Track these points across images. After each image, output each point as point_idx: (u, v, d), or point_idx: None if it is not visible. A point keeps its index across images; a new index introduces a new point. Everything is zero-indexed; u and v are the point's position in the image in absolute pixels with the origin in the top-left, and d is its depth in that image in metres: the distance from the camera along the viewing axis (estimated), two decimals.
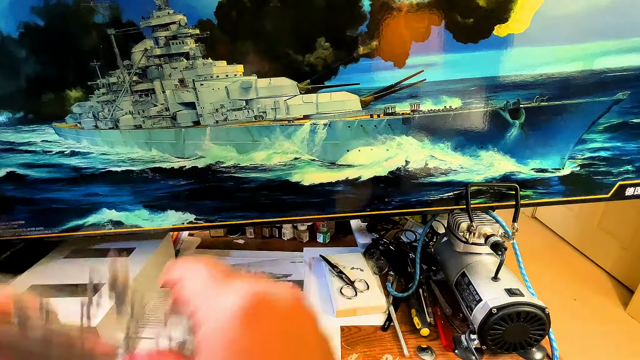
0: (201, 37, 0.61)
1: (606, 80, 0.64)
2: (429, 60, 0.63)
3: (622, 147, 0.71)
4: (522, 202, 0.72)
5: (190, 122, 0.69)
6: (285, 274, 0.90)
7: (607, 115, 0.68)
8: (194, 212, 0.76)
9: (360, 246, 1.03)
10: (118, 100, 0.67)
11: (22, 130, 0.67)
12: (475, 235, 0.69)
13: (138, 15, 0.60)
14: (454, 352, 0.66)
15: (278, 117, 0.69)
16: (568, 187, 0.74)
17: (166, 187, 0.73)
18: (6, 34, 0.59)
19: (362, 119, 0.69)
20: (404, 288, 0.83)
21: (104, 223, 0.75)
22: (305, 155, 0.71)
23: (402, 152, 0.71)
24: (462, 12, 0.60)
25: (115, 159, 0.70)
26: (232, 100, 0.68)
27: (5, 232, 0.75)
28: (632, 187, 0.74)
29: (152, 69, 0.65)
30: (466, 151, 0.71)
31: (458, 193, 0.74)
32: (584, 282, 2.10)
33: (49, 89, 0.63)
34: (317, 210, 0.76)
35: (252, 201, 0.74)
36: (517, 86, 0.65)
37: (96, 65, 0.62)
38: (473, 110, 0.67)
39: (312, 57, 0.62)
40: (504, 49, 0.62)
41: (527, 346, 0.62)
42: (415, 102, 0.66)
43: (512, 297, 0.59)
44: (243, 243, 1.08)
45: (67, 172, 0.71)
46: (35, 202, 0.72)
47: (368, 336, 0.71)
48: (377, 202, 0.76)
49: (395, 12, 0.59)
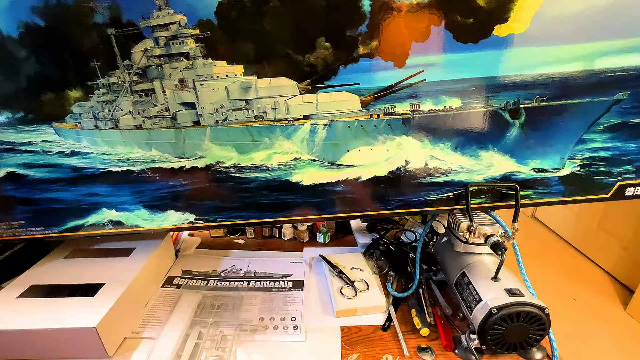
0: (201, 37, 0.61)
1: (606, 80, 0.65)
2: (429, 60, 0.63)
3: (622, 147, 0.71)
4: (522, 202, 0.72)
5: (190, 122, 0.69)
6: (285, 274, 0.90)
7: (607, 115, 0.68)
8: (194, 212, 0.76)
9: (360, 246, 1.03)
10: (118, 100, 0.67)
11: (22, 130, 0.67)
12: (475, 235, 0.69)
13: (138, 15, 0.60)
14: (454, 352, 0.66)
15: (278, 117, 0.69)
16: (568, 187, 0.74)
17: (166, 187, 0.73)
18: (6, 34, 0.59)
19: (362, 119, 0.69)
20: (404, 288, 0.83)
21: (104, 223, 0.75)
22: (305, 155, 0.71)
23: (402, 152, 0.71)
24: (462, 12, 0.60)
25: (115, 159, 0.70)
26: (232, 100, 0.68)
27: (5, 232, 0.75)
28: (632, 187, 0.74)
29: (152, 69, 0.65)
30: (466, 151, 0.71)
31: (458, 193, 0.74)
32: (584, 282, 2.10)
33: (49, 89, 0.63)
34: (317, 210, 0.76)
35: (252, 201, 0.74)
36: (517, 86, 0.65)
37: (96, 65, 0.62)
38: (473, 110, 0.67)
39: (312, 57, 0.62)
40: (504, 49, 0.62)
41: (527, 346, 0.62)
42: (415, 102, 0.66)
43: (512, 297, 0.59)
44: (243, 243, 1.08)
45: (67, 172, 0.70)
46: (36, 202, 0.72)
47: (368, 336, 0.71)
48: (377, 202, 0.76)
49: (395, 12, 0.59)
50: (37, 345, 0.64)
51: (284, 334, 0.71)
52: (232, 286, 0.86)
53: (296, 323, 0.73)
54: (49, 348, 0.64)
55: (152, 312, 0.76)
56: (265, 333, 0.71)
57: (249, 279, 0.89)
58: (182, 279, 0.88)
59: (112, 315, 0.65)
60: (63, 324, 0.62)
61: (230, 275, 0.90)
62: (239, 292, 0.83)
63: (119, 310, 0.67)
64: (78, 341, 0.63)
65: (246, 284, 0.87)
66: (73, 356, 0.64)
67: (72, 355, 0.64)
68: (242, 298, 0.81)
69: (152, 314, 0.76)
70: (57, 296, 0.70)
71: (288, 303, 0.80)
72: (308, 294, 0.83)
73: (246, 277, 0.90)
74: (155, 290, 0.84)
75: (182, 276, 0.89)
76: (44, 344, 0.64)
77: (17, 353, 0.64)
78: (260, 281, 0.88)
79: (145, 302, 0.79)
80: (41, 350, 0.64)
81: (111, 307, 0.65)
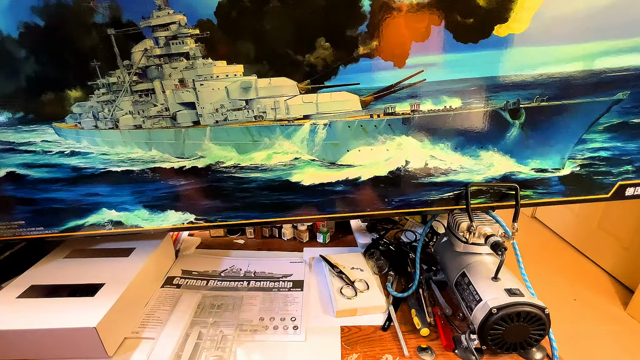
0: (201, 37, 0.61)
1: (606, 80, 0.64)
2: (429, 60, 0.63)
3: (622, 147, 0.71)
4: (522, 202, 0.72)
5: (190, 122, 0.69)
6: (285, 274, 0.90)
7: (607, 115, 0.68)
8: (194, 212, 0.76)
9: (360, 246, 1.03)
10: (118, 100, 0.67)
11: (22, 130, 0.67)
12: (475, 235, 0.69)
13: (138, 15, 0.60)
14: (454, 352, 0.66)
15: (278, 117, 0.69)
16: (568, 187, 0.74)
17: (166, 187, 0.73)
18: (6, 34, 0.59)
19: (362, 119, 0.69)
20: (404, 288, 0.83)
21: (104, 223, 0.75)
22: (305, 155, 0.71)
23: (402, 152, 0.71)
24: (462, 12, 0.60)
25: (115, 159, 0.70)
26: (232, 100, 0.68)
27: (5, 232, 0.75)
28: (632, 187, 0.74)
29: (152, 69, 0.65)
30: (466, 151, 0.71)
31: (458, 193, 0.74)
32: (584, 282, 2.10)
33: (48, 89, 0.63)
34: (317, 210, 0.76)
35: (252, 201, 0.74)
36: (517, 86, 0.65)
37: (96, 65, 0.62)
38: (473, 110, 0.67)
39: (312, 57, 0.62)
40: (504, 49, 0.62)
41: (527, 346, 0.62)
42: (415, 102, 0.66)
43: (512, 297, 0.59)
44: (243, 243, 1.08)
45: (67, 172, 0.70)
46: (35, 202, 0.72)
47: (368, 336, 0.71)
48: (377, 202, 0.76)
49: (395, 12, 0.59)
50: (37, 345, 0.64)
51: (284, 334, 0.71)
52: (232, 286, 0.86)
53: (296, 323, 0.73)
54: (49, 348, 0.64)
55: (152, 312, 0.76)
56: (265, 333, 0.71)
57: (249, 279, 0.88)
58: (182, 279, 0.88)
59: (112, 315, 0.65)
60: (63, 324, 0.62)
61: (230, 275, 0.90)
62: (239, 292, 0.83)
63: (119, 310, 0.67)
64: (78, 341, 0.63)
65: (246, 284, 0.87)
66: (73, 356, 0.64)
67: (72, 355, 0.64)
68: (242, 298, 0.81)
69: (152, 314, 0.76)
70: (57, 296, 0.70)
71: (288, 303, 0.80)
72: (308, 294, 0.83)
73: (246, 277, 0.90)
74: (155, 290, 0.84)
75: (182, 276, 0.89)
76: (44, 344, 0.63)
77: (17, 353, 0.64)
78: (260, 281, 0.88)
79: (145, 302, 0.79)
80: (41, 350, 0.64)
81: (111, 307, 0.65)
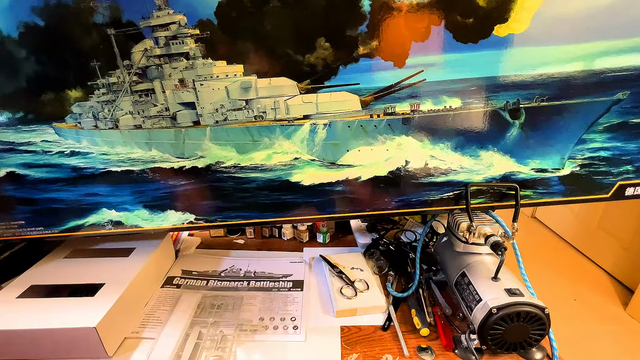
0: (201, 37, 0.61)
1: (606, 80, 0.64)
2: (429, 60, 0.63)
3: (622, 147, 0.71)
4: (522, 202, 0.72)
5: (190, 122, 0.69)
6: (285, 274, 0.90)
7: (607, 115, 0.68)
8: (194, 212, 0.76)
9: (360, 246, 1.03)
10: (118, 100, 0.67)
11: (22, 130, 0.67)
12: (475, 235, 0.69)
13: (138, 15, 0.60)
14: (454, 352, 0.66)
15: (278, 117, 0.69)
16: (568, 187, 0.74)
17: (166, 187, 0.73)
18: (6, 34, 0.59)
19: (362, 119, 0.69)
20: (404, 288, 0.83)
21: (104, 223, 0.75)
22: (305, 155, 0.71)
23: (402, 152, 0.70)
24: (462, 12, 0.60)
25: (115, 159, 0.70)
26: (232, 100, 0.68)
27: (5, 232, 0.75)
28: (632, 187, 0.74)
29: (152, 69, 0.65)
30: (466, 151, 0.71)
31: (458, 193, 0.74)
32: (584, 282, 2.10)
33: (49, 89, 0.63)
34: (317, 210, 0.76)
35: (252, 201, 0.74)
36: (517, 86, 0.65)
37: (96, 65, 0.62)
38: (473, 110, 0.67)
39: (312, 57, 0.62)
40: (504, 49, 0.62)
41: (527, 346, 0.62)
42: (415, 102, 0.66)
43: (512, 297, 0.59)
44: (243, 243, 1.08)
45: (67, 172, 0.70)
46: (35, 202, 0.72)
47: (368, 336, 0.71)
48: (377, 202, 0.76)
49: (395, 12, 0.59)
50: (37, 345, 0.64)
51: (284, 334, 0.71)
52: (232, 286, 0.86)
53: (296, 323, 0.73)
54: (49, 348, 0.64)
55: (152, 312, 0.76)
56: (265, 333, 0.71)
57: (249, 279, 0.88)
58: (182, 279, 0.88)
59: (112, 315, 0.65)
60: (63, 324, 0.62)
61: (230, 275, 0.90)
62: (239, 292, 0.83)
63: (118, 310, 0.67)
64: (78, 341, 0.63)
65: (246, 284, 0.87)
66: (73, 356, 0.64)
67: (72, 355, 0.64)
68: (242, 298, 0.81)
69: (152, 314, 0.76)
70: (57, 296, 0.70)
71: (288, 303, 0.80)
72: (308, 294, 0.83)
73: (246, 277, 0.90)
74: (155, 290, 0.84)
75: (182, 276, 0.89)
76: (44, 344, 0.63)
77: (17, 353, 0.64)
78: (260, 281, 0.88)
79: (145, 302, 0.79)
80: (41, 350, 0.64)
81: (111, 307, 0.65)
